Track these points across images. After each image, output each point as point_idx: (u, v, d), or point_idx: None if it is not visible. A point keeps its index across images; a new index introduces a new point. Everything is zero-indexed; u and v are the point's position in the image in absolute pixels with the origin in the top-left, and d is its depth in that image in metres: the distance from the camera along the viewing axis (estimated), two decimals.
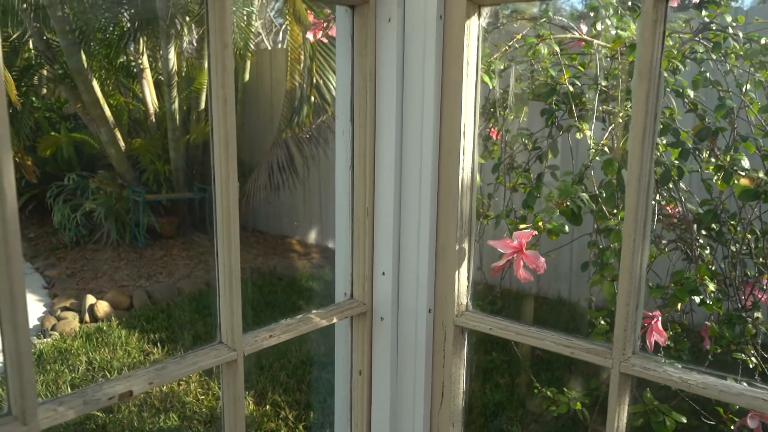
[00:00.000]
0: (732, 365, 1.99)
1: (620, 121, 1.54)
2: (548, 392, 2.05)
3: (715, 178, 1.56)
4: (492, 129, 2.37)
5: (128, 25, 6.47)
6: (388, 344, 1.20)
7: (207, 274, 5.29)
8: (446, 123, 1.10)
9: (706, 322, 1.97)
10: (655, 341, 1.57)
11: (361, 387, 1.24)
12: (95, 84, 5.89)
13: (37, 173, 5.76)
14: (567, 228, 1.49)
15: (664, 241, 2.34)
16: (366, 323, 1.21)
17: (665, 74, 1.44)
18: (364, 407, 1.24)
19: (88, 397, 0.83)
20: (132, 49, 6.55)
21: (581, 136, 1.58)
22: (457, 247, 1.13)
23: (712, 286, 1.59)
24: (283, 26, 7.45)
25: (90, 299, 4.30)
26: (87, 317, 4.18)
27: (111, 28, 6.41)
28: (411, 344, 1.18)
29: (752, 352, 1.95)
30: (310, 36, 2.26)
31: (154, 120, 6.60)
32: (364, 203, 1.17)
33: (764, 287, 2.01)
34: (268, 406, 3.04)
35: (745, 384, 0.89)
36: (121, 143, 6.28)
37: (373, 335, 1.22)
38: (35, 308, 4.52)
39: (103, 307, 4.25)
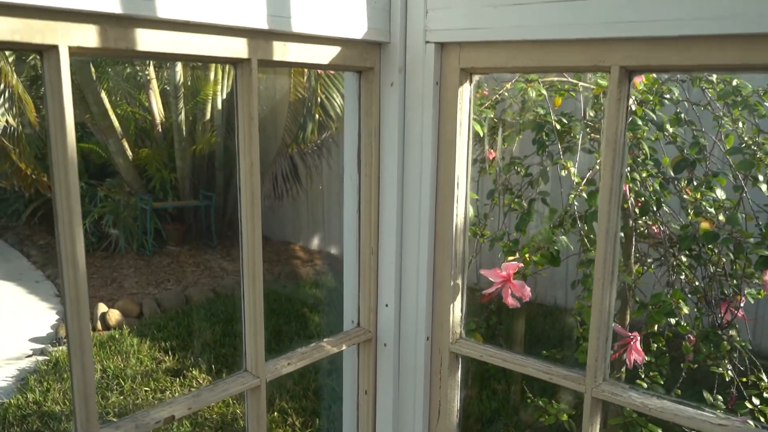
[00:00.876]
0: (711, 377, 2.15)
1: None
2: (540, 402, 2.20)
3: (689, 209, 1.71)
4: (489, 151, 2.53)
5: None
6: (390, 367, 1.35)
7: (213, 281, 5.45)
8: (442, 175, 1.25)
9: (689, 336, 2.12)
10: (635, 359, 1.72)
11: (367, 405, 1.39)
12: (104, 95, 6.05)
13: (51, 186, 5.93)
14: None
15: (649, 260, 2.49)
16: (371, 349, 1.36)
17: (639, 122, 1.58)
18: (370, 423, 1.39)
19: (138, 422, 0.98)
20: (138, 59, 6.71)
21: (566, 172, 1.73)
22: (452, 283, 1.28)
23: (686, 309, 1.74)
24: None
25: (102, 307, 4.46)
26: (99, 325, 4.34)
27: None
28: (411, 368, 1.33)
29: (728, 366, 2.10)
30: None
31: (160, 130, 6.76)
32: (369, 243, 1.32)
33: (740, 305, 2.16)
34: (276, 413, 3.20)
35: (690, 408, 1.04)
36: (129, 153, 6.44)
37: (378, 359, 1.37)
38: (48, 316, 4.68)
39: (114, 315, 4.41)
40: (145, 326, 4.30)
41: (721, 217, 1.55)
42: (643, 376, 1.89)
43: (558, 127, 1.80)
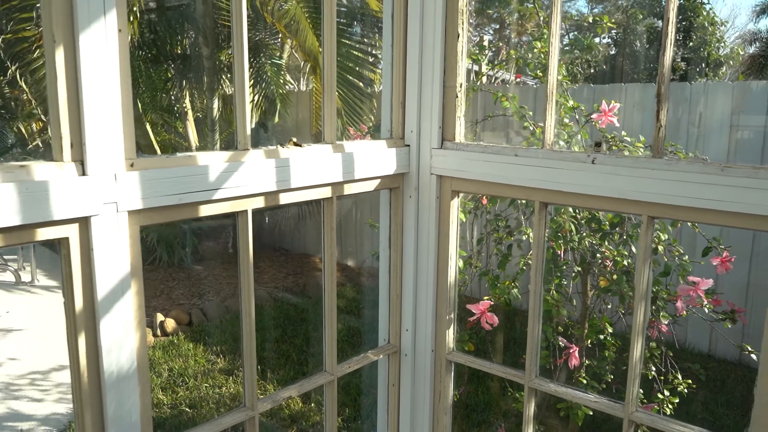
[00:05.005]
0: (643, 376, 2.93)
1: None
2: (517, 394, 2.99)
3: (611, 263, 2.49)
4: (483, 198, 3.32)
5: (172, 72, 7.46)
6: (409, 369, 2.14)
7: None
8: (441, 252, 2.04)
9: None
10: (574, 364, 2.51)
11: (394, 393, 2.18)
12: (148, 128, 6.89)
13: None
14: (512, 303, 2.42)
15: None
16: (397, 357, 2.15)
17: (570, 213, 2.37)
18: (395, 404, 2.19)
19: (274, 398, 1.78)
20: (176, 94, 7.54)
21: (526, 237, 2.52)
22: (447, 317, 2.07)
23: (610, 329, 2.53)
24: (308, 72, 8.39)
25: (159, 316, 5.28)
26: (159, 332, 5.16)
27: (158, 74, 7.40)
28: (422, 370, 2.13)
29: (653, 368, 2.88)
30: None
31: None
32: (396, 291, 2.12)
33: (663, 323, 2.94)
34: (312, 404, 4.00)
35: (581, 392, 1.82)
36: None
37: (401, 364, 2.16)
38: None
39: (170, 323, 5.22)
40: (196, 333, 5.11)
41: (614, 277, 2.33)
42: (584, 374, 2.67)
43: (524, 201, 2.59)
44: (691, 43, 13.59)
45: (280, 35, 6.83)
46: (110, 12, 1.24)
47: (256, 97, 6.94)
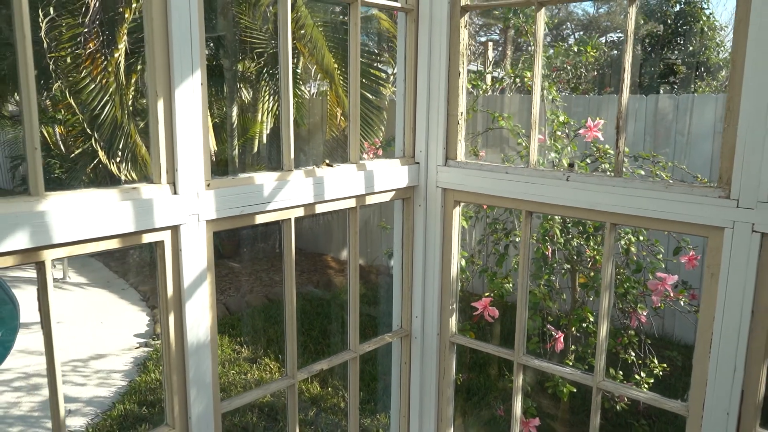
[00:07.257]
0: (624, 360, 3.33)
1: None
2: (512, 376, 3.39)
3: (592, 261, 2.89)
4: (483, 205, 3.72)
5: None
6: (418, 350, 2.55)
7: (265, 289, 6.68)
8: (445, 252, 2.44)
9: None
10: (560, 348, 2.91)
11: (405, 371, 2.59)
12: None
13: None
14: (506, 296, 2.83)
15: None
16: (408, 340, 2.56)
17: (555, 221, 2.78)
18: (406, 380, 2.60)
19: (310, 369, 2.20)
20: None
21: (519, 238, 2.92)
22: (450, 306, 2.48)
23: (591, 318, 2.93)
24: (319, 80, 8.78)
25: None
26: None
27: None
28: (429, 350, 2.53)
29: (632, 353, 3.29)
30: (365, 156, 3.62)
31: (214, 159, 8.02)
32: (408, 284, 2.53)
33: (642, 314, 3.34)
34: (329, 388, 4.40)
35: (559, 366, 2.23)
36: None
37: (411, 346, 2.57)
38: (141, 317, 5.93)
39: None
40: (221, 325, 5.52)
41: (592, 274, 2.72)
42: (571, 357, 3.07)
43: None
44: (690, 48, 13.89)
45: (296, 46, 7.24)
46: (197, 71, 1.66)
47: (274, 105, 7.36)
